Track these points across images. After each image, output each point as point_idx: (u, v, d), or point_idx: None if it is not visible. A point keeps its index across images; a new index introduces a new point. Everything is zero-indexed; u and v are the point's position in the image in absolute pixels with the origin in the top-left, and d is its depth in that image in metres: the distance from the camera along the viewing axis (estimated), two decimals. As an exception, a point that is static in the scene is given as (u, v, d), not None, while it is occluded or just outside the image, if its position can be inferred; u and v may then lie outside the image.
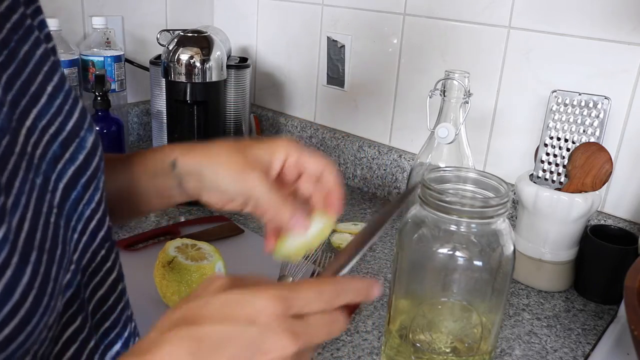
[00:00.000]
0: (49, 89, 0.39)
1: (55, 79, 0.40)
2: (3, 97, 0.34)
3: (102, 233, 0.43)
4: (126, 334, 0.47)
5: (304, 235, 0.44)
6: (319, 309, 0.33)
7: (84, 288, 0.42)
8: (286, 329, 0.31)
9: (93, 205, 0.41)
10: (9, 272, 0.30)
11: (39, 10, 0.41)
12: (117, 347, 0.46)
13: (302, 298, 0.33)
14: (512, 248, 0.58)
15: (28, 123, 0.36)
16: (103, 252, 0.43)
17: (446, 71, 0.81)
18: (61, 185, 0.38)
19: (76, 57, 1.16)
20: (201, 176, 0.48)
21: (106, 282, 0.44)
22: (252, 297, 0.32)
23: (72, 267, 0.39)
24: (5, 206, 0.31)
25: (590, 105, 0.85)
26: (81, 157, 0.40)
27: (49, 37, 0.41)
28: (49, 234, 0.34)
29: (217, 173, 0.47)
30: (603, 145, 0.84)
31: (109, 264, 0.44)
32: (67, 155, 0.39)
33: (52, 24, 1.12)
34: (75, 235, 0.40)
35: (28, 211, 0.33)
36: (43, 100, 0.38)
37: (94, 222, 0.42)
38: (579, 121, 0.86)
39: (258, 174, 0.45)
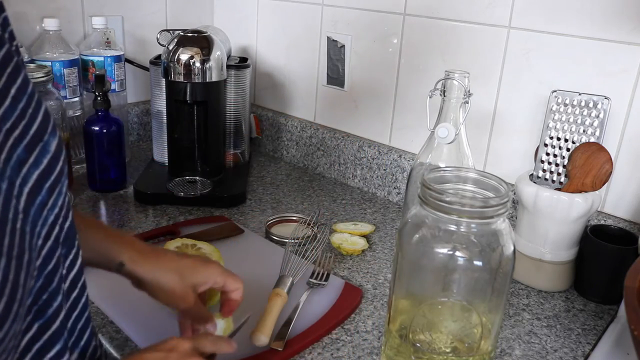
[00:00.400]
0: (13, 91, 0.37)
1: (19, 81, 0.38)
2: None
3: (62, 237, 0.42)
4: (83, 342, 0.47)
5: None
6: (213, 348, 0.55)
7: (52, 295, 0.41)
8: (196, 354, 0.51)
9: (57, 210, 0.41)
10: None
11: (1, 7, 0.39)
12: (74, 356, 0.46)
13: (200, 340, 0.54)
14: (512, 248, 0.58)
15: None
16: (71, 256, 0.43)
17: (446, 71, 0.81)
18: (26, 190, 0.37)
19: (76, 57, 1.16)
20: (143, 282, 0.60)
21: (75, 288, 0.44)
22: (170, 338, 0.52)
23: (35, 273, 0.38)
24: None
25: (590, 105, 0.85)
26: (45, 161, 0.39)
27: (12, 36, 0.40)
28: (16, 241, 0.34)
29: (157, 287, 0.60)
30: (603, 145, 0.84)
31: (75, 270, 0.44)
32: (31, 160, 0.38)
33: (52, 24, 1.12)
34: (39, 242, 0.39)
35: None
36: (7, 103, 0.37)
37: (57, 228, 0.41)
38: (579, 121, 0.86)
39: (189, 300, 0.60)
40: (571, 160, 0.84)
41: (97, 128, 1.07)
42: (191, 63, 1.05)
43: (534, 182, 0.87)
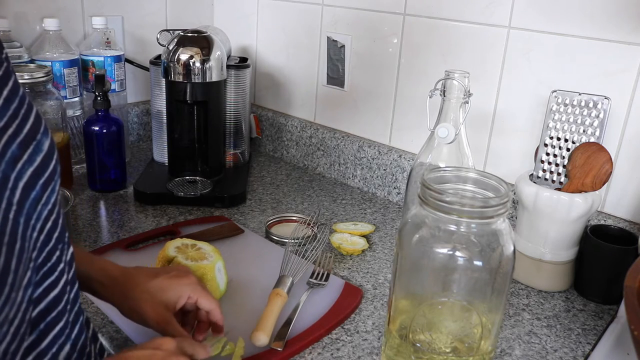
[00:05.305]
0: (5, 92, 0.40)
1: (10, 83, 0.41)
2: None
3: (56, 234, 0.45)
4: (74, 335, 0.48)
5: None
6: (192, 351, 0.55)
7: (36, 287, 0.43)
8: (180, 353, 0.52)
9: (50, 206, 0.43)
10: None
11: None
12: (66, 348, 0.47)
13: (182, 341, 0.55)
14: (512, 248, 0.58)
15: None
16: (58, 252, 0.45)
17: (446, 71, 0.81)
18: (21, 184, 0.39)
19: (76, 57, 1.16)
20: (115, 306, 0.63)
21: (59, 283, 0.46)
22: (155, 338, 0.53)
23: (32, 264, 0.40)
24: None
25: (590, 105, 0.85)
26: (39, 159, 0.42)
27: (0, 45, 0.43)
28: (7, 229, 0.36)
29: (127, 311, 0.62)
30: (603, 145, 0.84)
31: (62, 265, 0.46)
32: (25, 157, 0.41)
33: (52, 24, 1.12)
34: (35, 234, 0.41)
35: None
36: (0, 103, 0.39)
37: (50, 223, 0.44)
38: (579, 121, 0.86)
39: (163, 321, 0.61)
40: (571, 160, 0.84)
41: (97, 128, 1.07)
42: (191, 63, 1.05)
43: (534, 182, 0.87)
